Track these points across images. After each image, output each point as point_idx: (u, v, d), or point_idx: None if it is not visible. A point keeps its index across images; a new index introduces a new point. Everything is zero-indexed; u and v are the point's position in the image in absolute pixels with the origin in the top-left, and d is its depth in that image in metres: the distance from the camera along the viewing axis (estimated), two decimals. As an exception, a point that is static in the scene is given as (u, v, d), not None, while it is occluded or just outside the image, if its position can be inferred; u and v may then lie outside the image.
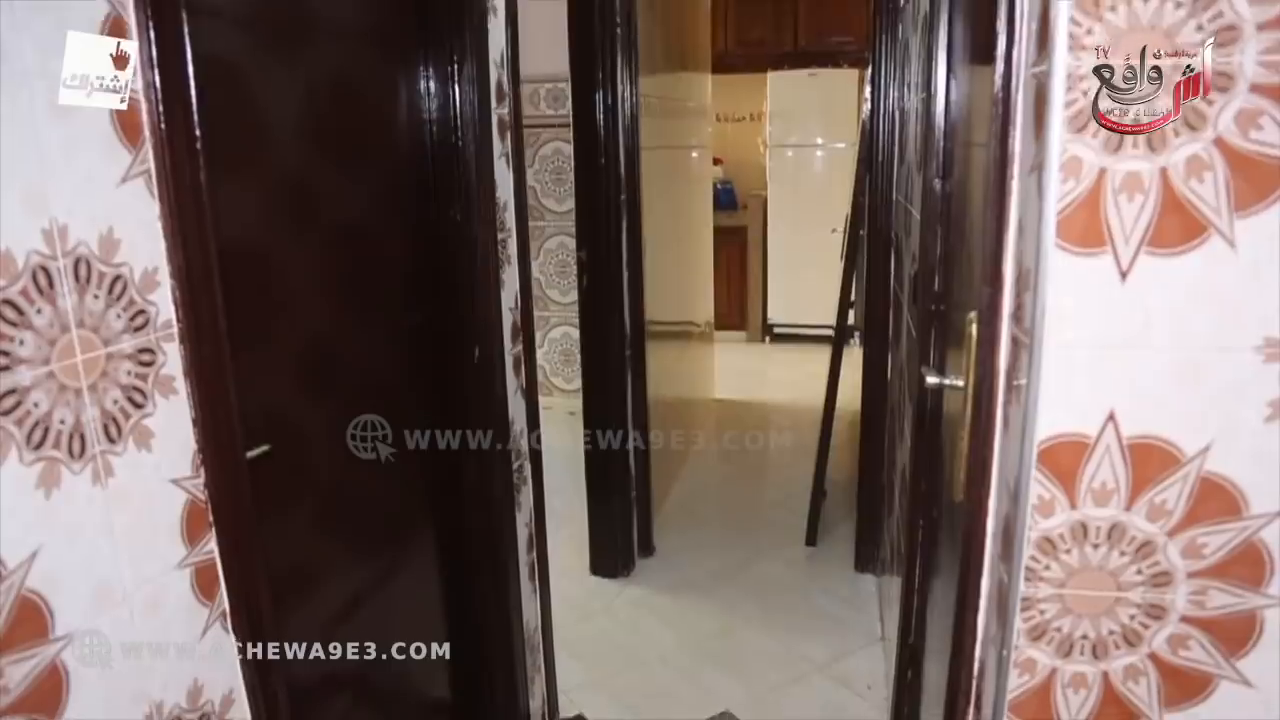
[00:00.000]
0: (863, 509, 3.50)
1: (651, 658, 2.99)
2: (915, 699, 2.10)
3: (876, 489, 3.39)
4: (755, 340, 7.06)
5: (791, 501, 4.01)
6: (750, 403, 5.69)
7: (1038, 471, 0.99)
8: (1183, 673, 1.05)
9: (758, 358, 6.74)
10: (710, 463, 4.74)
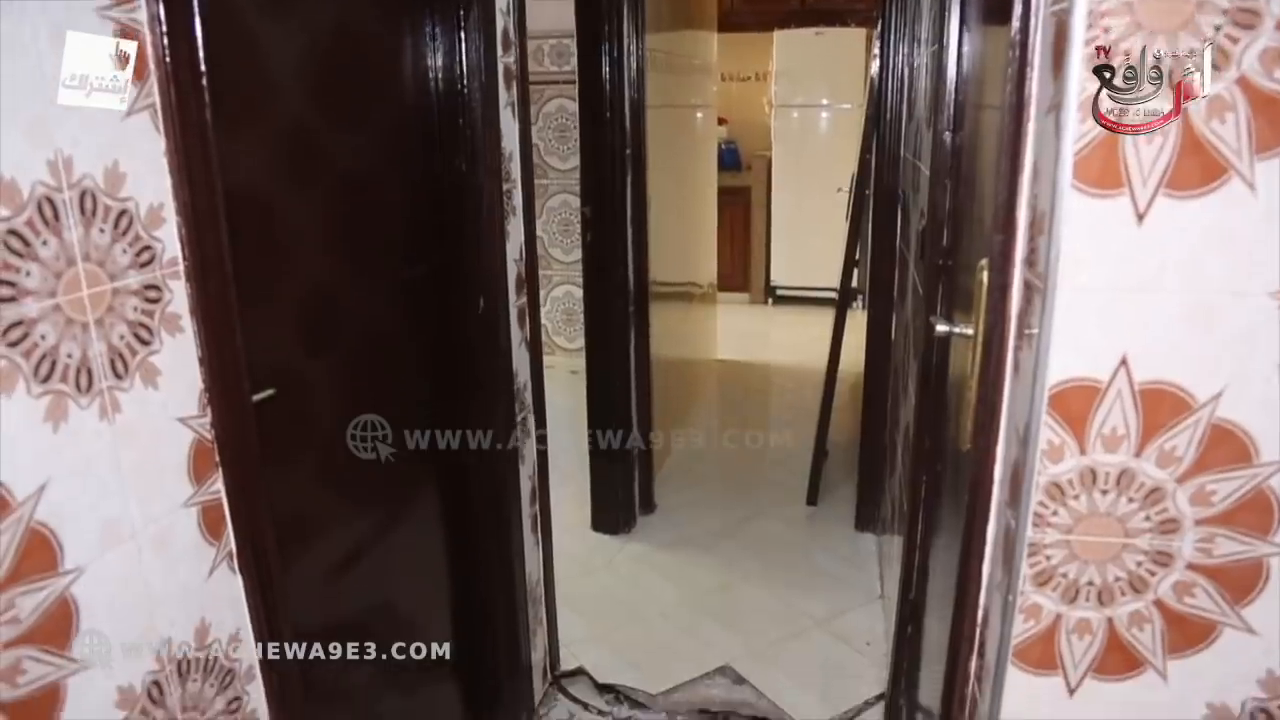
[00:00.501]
0: (864, 469, 3.51)
1: (652, 612, 3.01)
2: (915, 654, 2.11)
3: (878, 449, 3.40)
4: (758, 302, 7.05)
5: (792, 461, 4.02)
6: (752, 364, 5.69)
7: (1048, 416, 0.99)
8: (1187, 620, 1.05)
9: (760, 320, 6.73)
10: (712, 422, 4.75)
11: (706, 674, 2.69)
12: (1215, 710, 1.09)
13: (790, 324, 6.49)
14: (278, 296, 1.54)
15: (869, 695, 2.59)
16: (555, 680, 2.66)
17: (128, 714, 1.04)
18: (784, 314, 6.82)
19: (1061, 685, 1.10)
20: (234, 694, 1.22)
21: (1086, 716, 1.11)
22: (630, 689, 2.62)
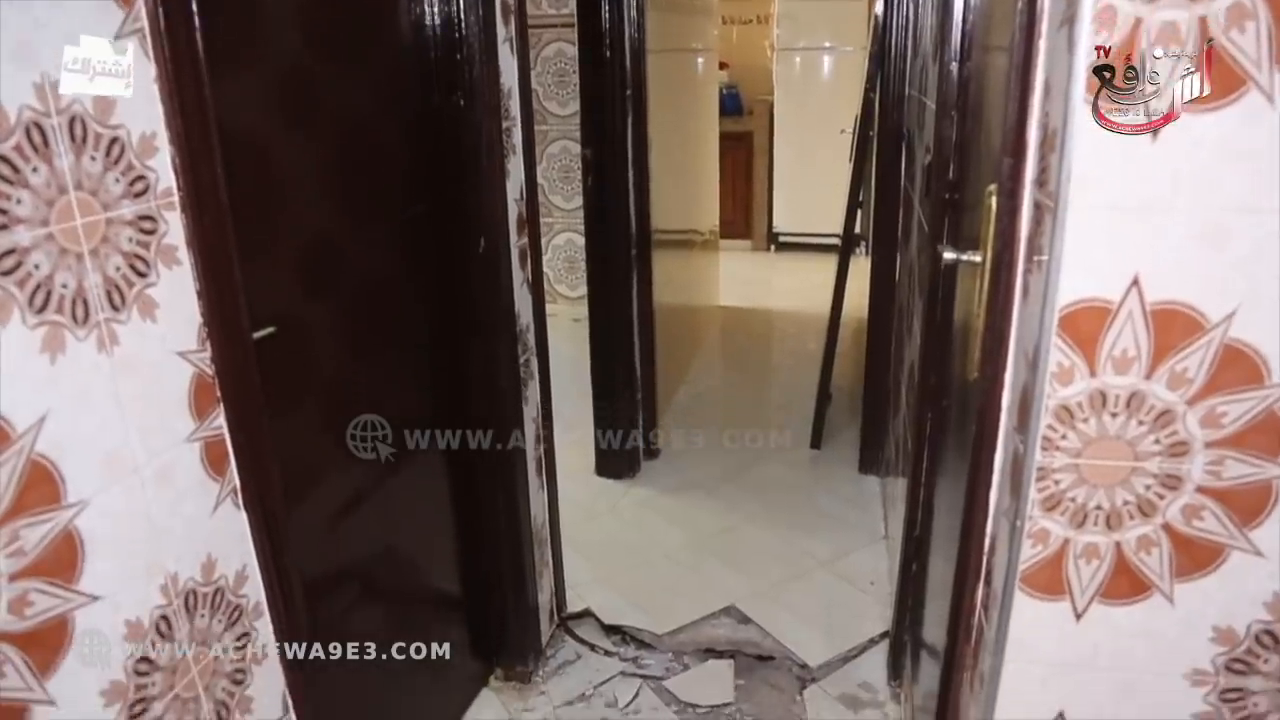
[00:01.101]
0: (867, 412, 3.51)
1: (657, 555, 3.03)
2: (919, 591, 2.12)
3: (882, 392, 3.39)
4: (760, 249, 7.00)
5: (795, 405, 4.02)
6: (755, 310, 5.67)
7: (1058, 338, 0.97)
8: (1195, 543, 1.05)
9: (763, 266, 6.70)
10: (714, 367, 4.74)
11: (712, 614, 2.71)
12: (1221, 633, 1.09)
13: (793, 270, 6.46)
14: (275, 236, 1.52)
15: (873, 633, 2.61)
16: (562, 622, 2.68)
17: (137, 647, 1.04)
18: (786, 261, 6.78)
19: (1069, 610, 1.10)
20: (242, 630, 1.23)
21: (1093, 641, 1.12)
22: (636, 629, 2.64)
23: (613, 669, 2.52)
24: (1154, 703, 1.14)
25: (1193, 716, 1.14)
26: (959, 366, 1.60)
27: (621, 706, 2.38)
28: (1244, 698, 1.12)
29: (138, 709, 1.04)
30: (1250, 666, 1.10)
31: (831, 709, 2.36)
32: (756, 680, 2.47)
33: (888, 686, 2.43)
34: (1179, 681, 1.13)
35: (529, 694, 2.44)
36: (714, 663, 2.52)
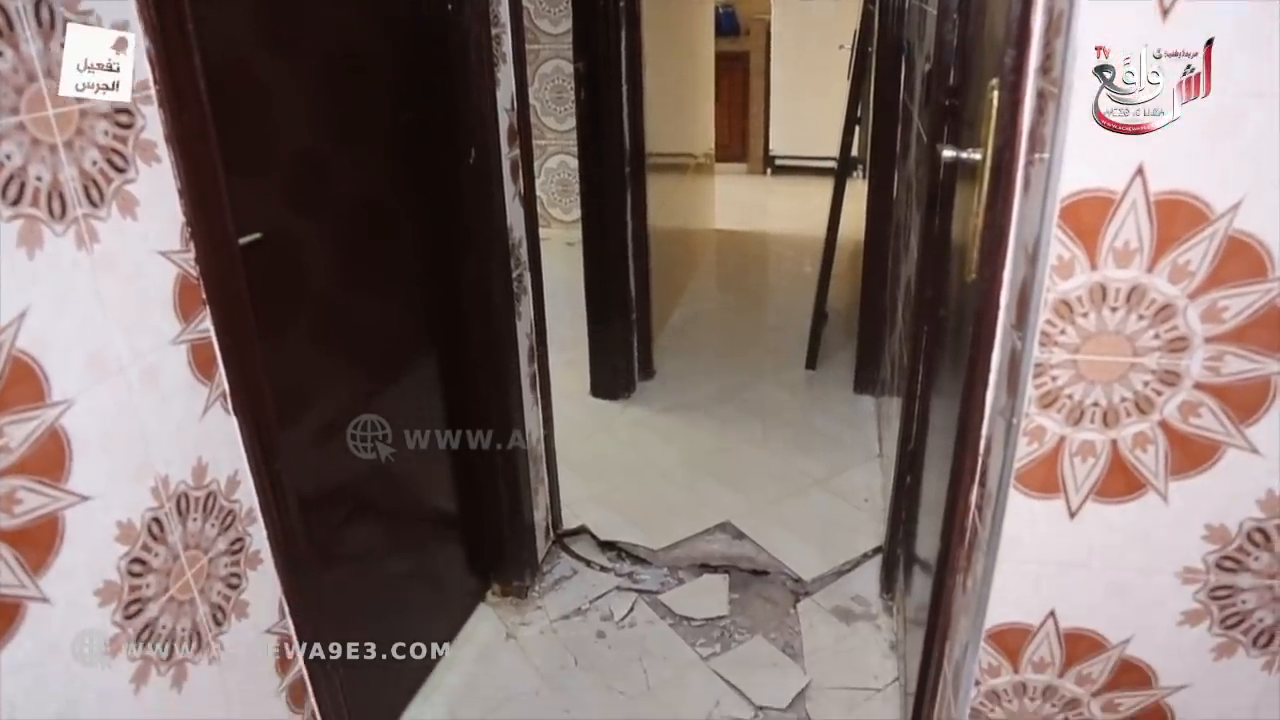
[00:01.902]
0: (863, 332, 3.50)
1: (652, 473, 3.05)
2: (913, 505, 2.13)
3: (878, 311, 3.38)
4: (756, 172, 6.92)
5: (791, 327, 4.01)
6: (750, 233, 5.63)
7: (1059, 230, 0.95)
8: (1191, 440, 1.04)
9: (759, 190, 6.63)
10: (710, 290, 4.72)
11: (707, 530, 2.73)
12: (1213, 531, 1.09)
13: (789, 194, 6.39)
14: (260, 145, 1.48)
15: (867, 548, 2.63)
16: (558, 539, 2.71)
17: (129, 549, 1.04)
18: (783, 184, 6.71)
19: (1062, 508, 1.10)
20: (236, 535, 1.23)
21: (1086, 540, 1.12)
22: (632, 545, 2.66)
23: (608, 584, 2.55)
24: (1144, 601, 1.15)
25: (1182, 614, 1.15)
26: (956, 274, 1.58)
27: (617, 620, 2.41)
28: (1233, 595, 1.13)
29: (133, 609, 1.05)
30: (1240, 564, 1.11)
31: (825, 621, 2.39)
32: (751, 594, 2.50)
33: (880, 599, 2.46)
34: (1170, 580, 1.13)
35: (526, 608, 2.47)
36: (709, 577, 2.55)
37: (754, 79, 6.68)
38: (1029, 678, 1.24)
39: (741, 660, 2.27)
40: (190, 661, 1.15)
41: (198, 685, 1.17)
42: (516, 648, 2.34)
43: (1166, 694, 1.22)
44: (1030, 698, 1.26)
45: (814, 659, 2.27)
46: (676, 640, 2.34)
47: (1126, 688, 1.22)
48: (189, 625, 1.14)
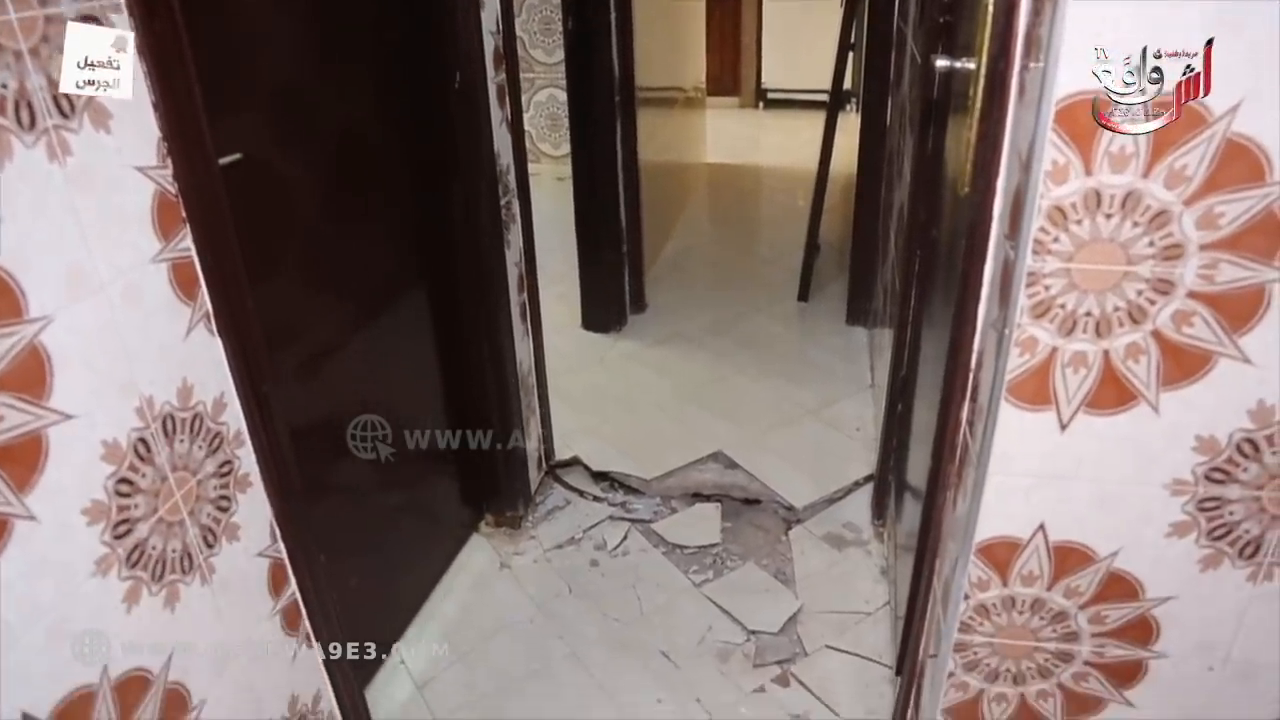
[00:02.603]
0: (856, 263, 3.48)
1: (645, 404, 3.05)
2: (904, 432, 2.14)
3: (870, 241, 3.36)
4: (748, 106, 6.84)
5: (783, 260, 3.99)
6: (743, 167, 5.58)
7: (1054, 134, 0.93)
8: (1183, 350, 1.04)
9: (751, 124, 6.56)
10: (702, 224, 4.68)
11: (699, 460, 2.74)
12: (1203, 442, 1.09)
13: (781, 128, 6.32)
14: (239, 62, 1.44)
15: (858, 476, 2.65)
16: (551, 470, 2.71)
17: (116, 469, 1.03)
18: (775, 118, 6.63)
19: (1053, 421, 1.10)
20: (224, 458, 1.22)
21: (1076, 452, 1.12)
22: (624, 475, 2.67)
23: (601, 513, 2.56)
24: (1133, 513, 1.16)
25: (1170, 526, 1.16)
26: (950, 193, 1.57)
27: (610, 549, 2.43)
28: (1221, 507, 1.13)
29: (121, 529, 1.04)
30: (1229, 475, 1.11)
31: (816, 548, 2.41)
32: (743, 522, 2.51)
33: (871, 526, 2.48)
34: (1159, 491, 1.13)
35: (519, 538, 2.49)
36: (701, 506, 2.57)
37: (746, 10, 6.56)
38: (1018, 591, 1.25)
39: (734, 586, 2.29)
40: (182, 583, 1.15)
41: (190, 606, 1.17)
42: (510, 577, 2.36)
43: (1153, 606, 1.23)
44: (1019, 611, 1.27)
45: (805, 584, 2.29)
46: (669, 568, 2.36)
47: (1114, 600, 1.23)
48: (179, 547, 1.14)
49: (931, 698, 1.46)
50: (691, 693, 2.00)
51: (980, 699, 1.38)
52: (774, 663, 2.07)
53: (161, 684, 1.13)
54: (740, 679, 2.04)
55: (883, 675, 2.03)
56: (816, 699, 1.97)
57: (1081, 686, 1.33)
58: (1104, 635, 1.27)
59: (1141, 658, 1.29)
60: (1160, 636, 1.26)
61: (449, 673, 2.08)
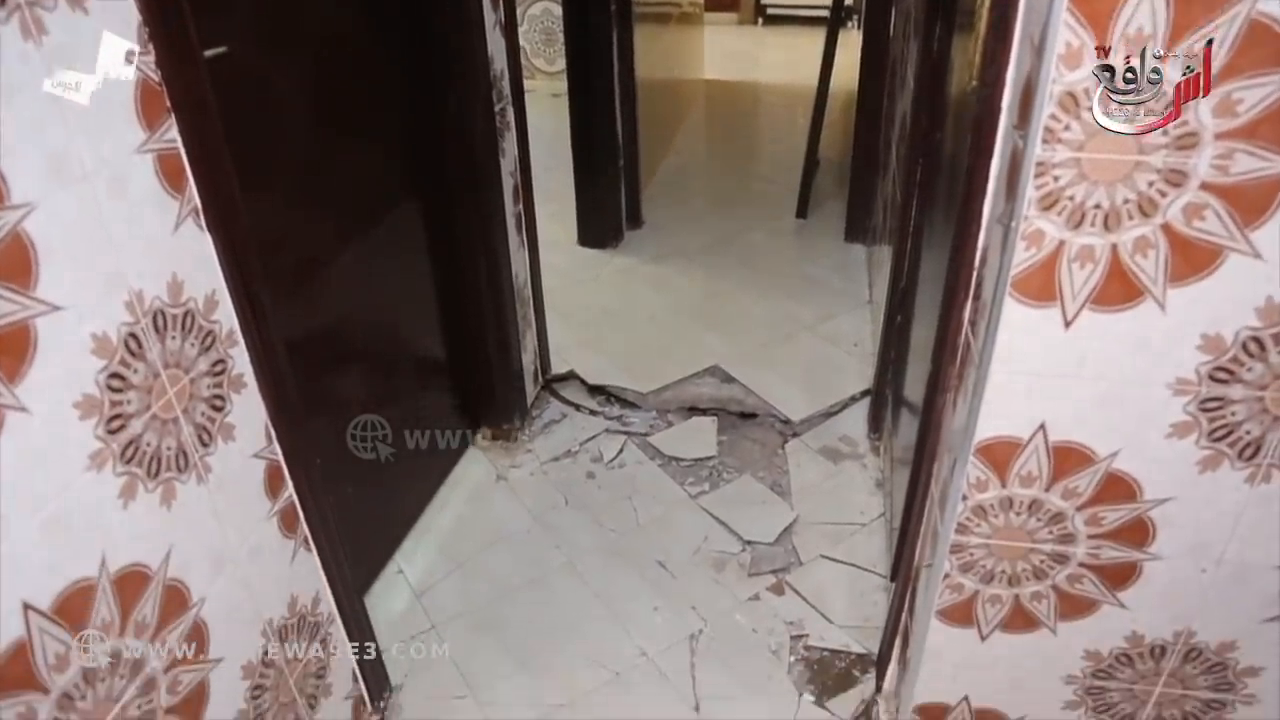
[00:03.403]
0: (855, 180, 3.44)
1: (641, 320, 3.03)
2: (902, 344, 2.13)
3: (870, 158, 3.31)
4: (747, 22, 6.69)
5: (782, 178, 3.94)
6: (741, 84, 5.48)
7: (1068, 14, 0.90)
8: (1193, 245, 1.02)
9: (749, 40, 6.43)
10: (699, 141, 4.61)
11: (696, 374, 2.74)
12: (1209, 341, 1.08)
13: (781, 45, 6.19)
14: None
15: (855, 391, 2.65)
16: (547, 384, 2.71)
17: (107, 363, 1.01)
18: (774, 35, 6.50)
19: (1058, 317, 1.08)
20: (217, 357, 1.20)
21: (1080, 350, 1.10)
22: (621, 389, 2.67)
23: (597, 427, 2.57)
24: (1134, 413, 1.15)
25: (1171, 427, 1.15)
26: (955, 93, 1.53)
27: (607, 461, 2.44)
28: (1223, 407, 1.12)
29: (115, 424, 1.03)
30: (1233, 375, 1.10)
31: (812, 461, 2.42)
32: (739, 436, 2.52)
33: (867, 440, 2.49)
34: (1161, 391, 1.12)
35: (516, 451, 2.49)
36: (697, 419, 2.57)
37: (745, -79, 6.39)
38: (1015, 492, 1.25)
39: (730, 498, 2.31)
40: (178, 481, 1.14)
41: (186, 505, 1.16)
42: (507, 489, 2.37)
43: (1150, 507, 1.23)
44: (1016, 512, 1.27)
45: (801, 496, 2.30)
46: (666, 480, 2.37)
47: (1111, 501, 1.24)
48: (174, 444, 1.13)
49: (926, 600, 1.47)
50: (687, 600, 2.03)
51: (975, 600, 1.39)
52: (769, 572, 2.10)
53: (161, 580, 1.13)
54: (735, 587, 2.06)
55: (877, 584, 2.05)
56: (811, 607, 2.00)
57: (1075, 588, 1.34)
58: (1100, 537, 1.28)
59: (1136, 559, 1.29)
60: (1156, 538, 1.26)
61: (446, 582, 2.10)
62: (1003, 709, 1.54)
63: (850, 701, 1.79)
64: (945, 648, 1.47)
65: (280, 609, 1.42)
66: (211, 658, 1.25)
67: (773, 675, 1.85)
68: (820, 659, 1.88)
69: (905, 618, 1.64)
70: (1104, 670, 1.44)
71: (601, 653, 1.91)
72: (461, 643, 1.94)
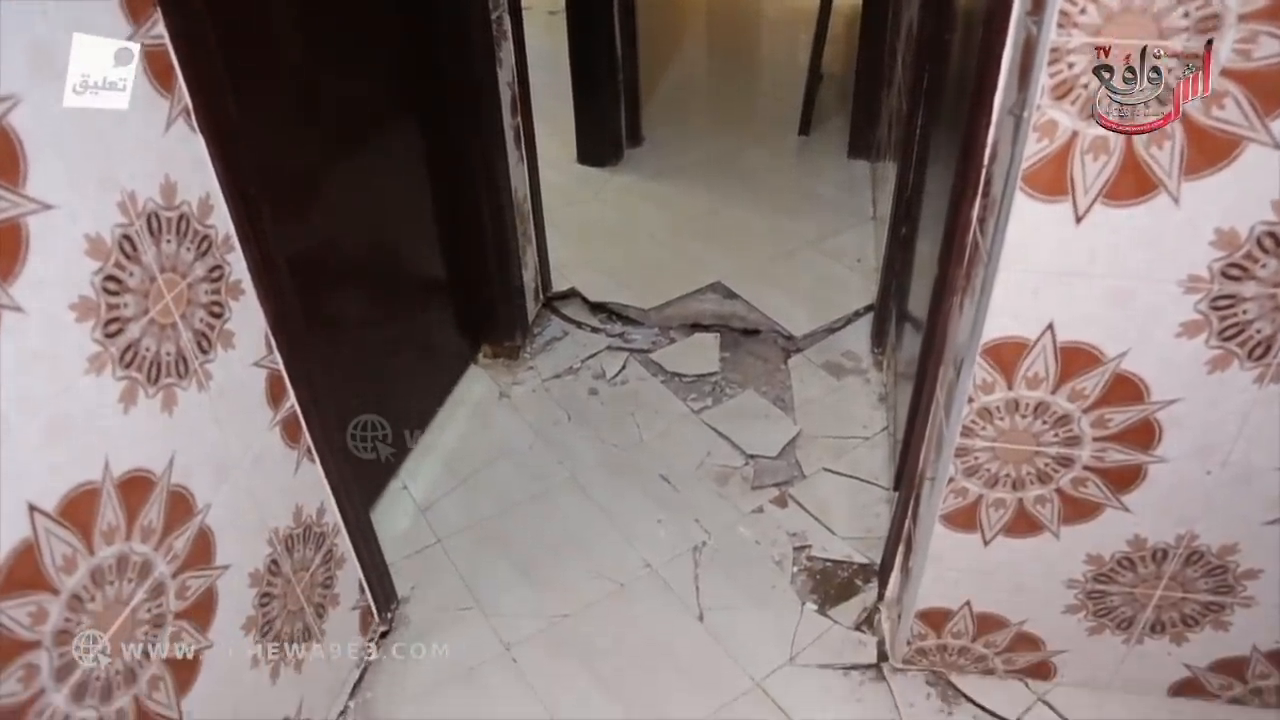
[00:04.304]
0: (860, 95, 3.37)
1: (642, 236, 3.00)
2: (907, 258, 2.10)
3: (875, 72, 3.24)
4: (748, -65, 6.50)
5: (784, 94, 3.87)
6: (742, -2, 5.35)
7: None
8: (1210, 135, 0.99)
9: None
10: (700, 56, 4.52)
11: (698, 290, 2.72)
12: (1222, 236, 1.06)
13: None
14: None
15: (858, 306, 2.63)
16: (548, 301, 2.69)
17: (101, 265, 0.99)
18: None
19: (1069, 212, 1.06)
20: (214, 262, 1.19)
21: (1090, 245, 1.08)
22: (622, 306, 2.66)
23: (599, 344, 2.56)
24: (1144, 311, 1.13)
25: (1181, 326, 1.14)
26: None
27: (609, 378, 2.43)
28: (1235, 305, 1.11)
29: (112, 328, 1.02)
30: (1247, 271, 1.08)
31: (815, 375, 2.42)
32: (741, 352, 2.51)
33: (870, 355, 2.48)
34: (1172, 289, 1.11)
35: (517, 369, 2.49)
36: (700, 335, 2.56)
37: None
38: (1022, 394, 1.24)
39: (732, 413, 2.31)
40: (178, 387, 1.14)
41: (188, 412, 1.16)
42: (509, 406, 2.37)
43: (1157, 409, 1.22)
44: (1021, 414, 1.26)
45: (804, 411, 2.30)
46: (668, 395, 2.37)
47: (1118, 403, 1.23)
48: (173, 350, 1.12)
49: (929, 507, 1.47)
50: (690, 514, 2.04)
51: (978, 504, 1.39)
52: (772, 485, 2.10)
53: (164, 486, 1.12)
54: (739, 501, 2.07)
55: (879, 496, 2.06)
56: (814, 519, 2.01)
57: (1079, 491, 1.34)
58: (1106, 439, 1.27)
59: (1141, 462, 1.29)
60: (1162, 440, 1.26)
61: (450, 497, 2.11)
62: (1004, 613, 1.56)
63: (852, 610, 1.81)
64: (948, 553, 1.48)
65: (285, 519, 1.42)
66: (218, 564, 1.25)
67: (776, 585, 1.87)
68: (823, 569, 1.90)
69: (908, 525, 1.65)
70: (1105, 574, 1.45)
71: (605, 565, 1.92)
72: (466, 556, 1.96)
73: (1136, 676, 1.60)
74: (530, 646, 1.77)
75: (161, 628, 1.15)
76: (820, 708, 1.64)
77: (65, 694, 1.00)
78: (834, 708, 1.64)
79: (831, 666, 1.71)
